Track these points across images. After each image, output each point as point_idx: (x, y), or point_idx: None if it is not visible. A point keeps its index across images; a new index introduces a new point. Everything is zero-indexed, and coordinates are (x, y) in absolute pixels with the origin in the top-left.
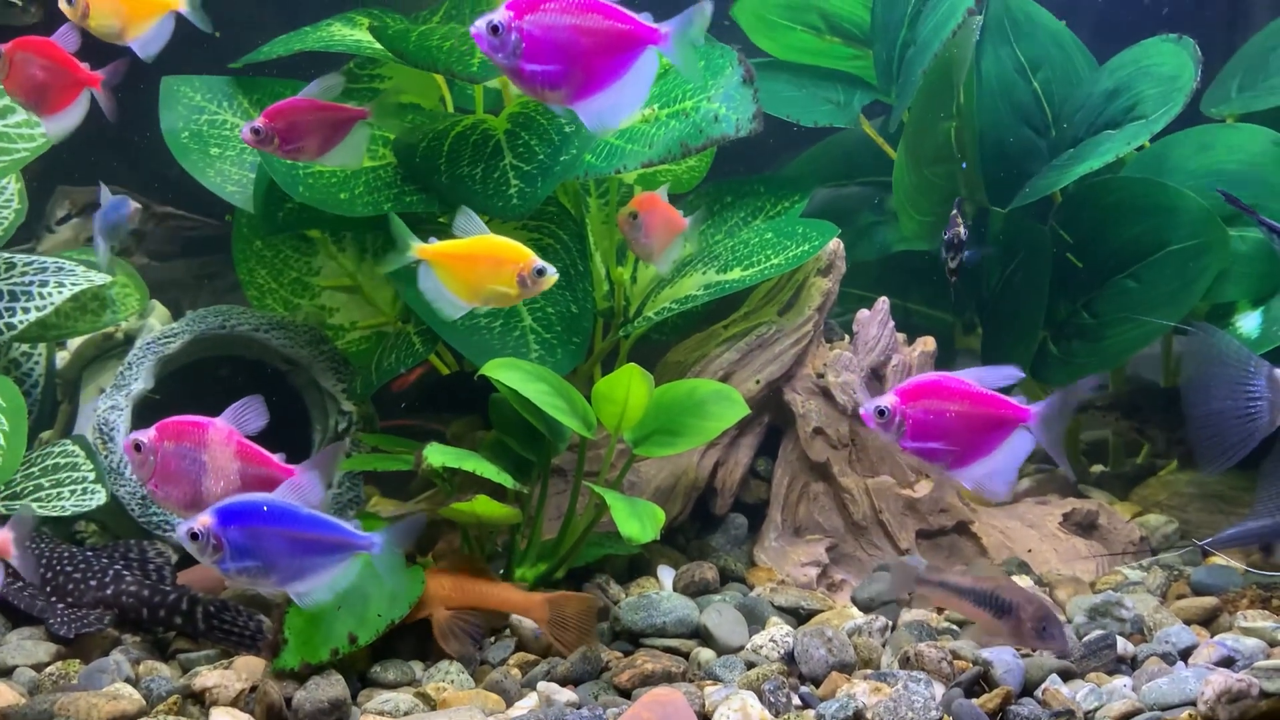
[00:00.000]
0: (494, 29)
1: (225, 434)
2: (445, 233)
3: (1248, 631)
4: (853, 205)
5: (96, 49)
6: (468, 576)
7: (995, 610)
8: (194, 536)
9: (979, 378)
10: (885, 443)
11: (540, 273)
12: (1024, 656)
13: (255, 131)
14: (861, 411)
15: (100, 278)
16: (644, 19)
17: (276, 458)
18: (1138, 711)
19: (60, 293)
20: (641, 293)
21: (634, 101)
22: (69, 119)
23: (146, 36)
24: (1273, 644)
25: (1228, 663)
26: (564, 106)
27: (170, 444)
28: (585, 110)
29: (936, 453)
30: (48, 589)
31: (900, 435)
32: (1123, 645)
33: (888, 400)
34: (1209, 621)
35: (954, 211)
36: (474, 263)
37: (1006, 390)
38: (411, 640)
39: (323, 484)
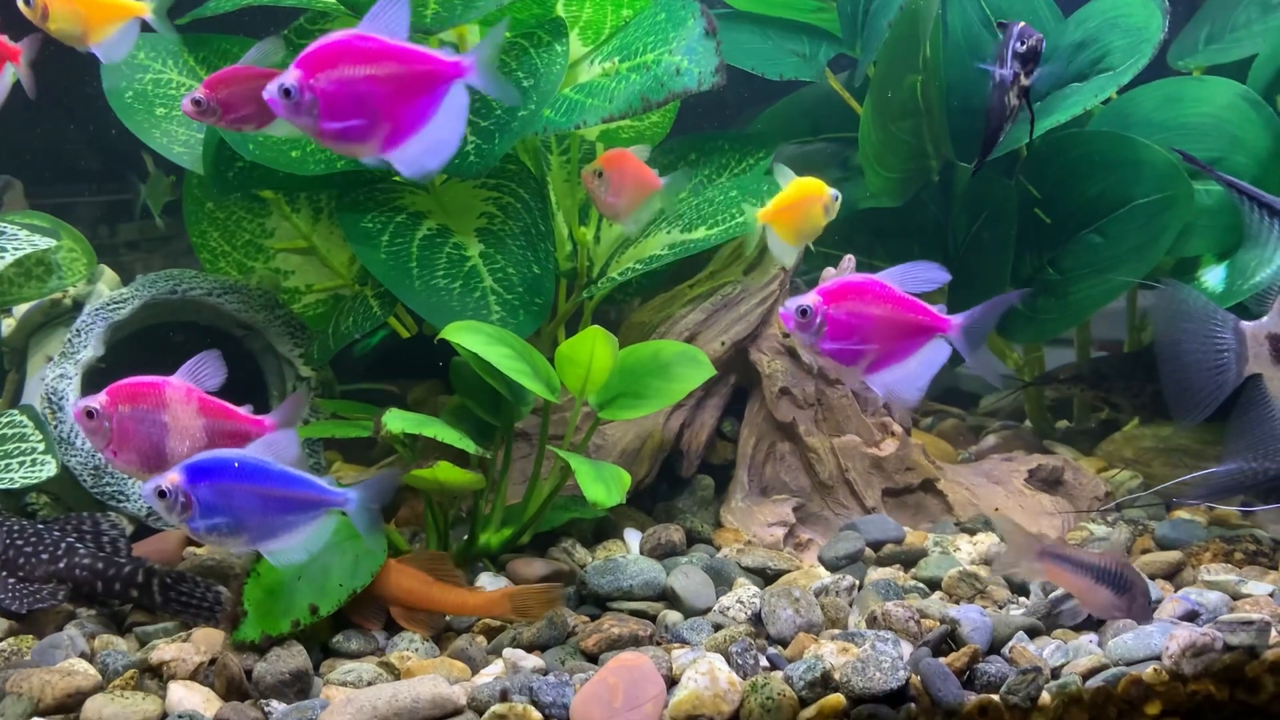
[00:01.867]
0: (286, 92)
1: (184, 392)
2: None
3: (1211, 585)
4: (818, 162)
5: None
6: (428, 579)
7: (1116, 587)
8: (162, 495)
9: (902, 277)
10: (803, 344)
11: (835, 198)
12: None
13: (196, 103)
14: (781, 311)
15: (45, 241)
16: (444, 54)
17: (243, 410)
18: (1103, 667)
19: (2, 258)
20: (605, 253)
21: (451, 140)
22: None
23: (110, 41)
24: (1236, 597)
25: (1191, 616)
26: (378, 158)
27: (126, 407)
28: (400, 159)
29: (854, 355)
30: None
31: (820, 336)
32: None
33: (810, 299)
34: (1173, 575)
35: (1012, 29)
36: (796, 207)
37: (928, 297)
38: (374, 609)
39: (294, 434)
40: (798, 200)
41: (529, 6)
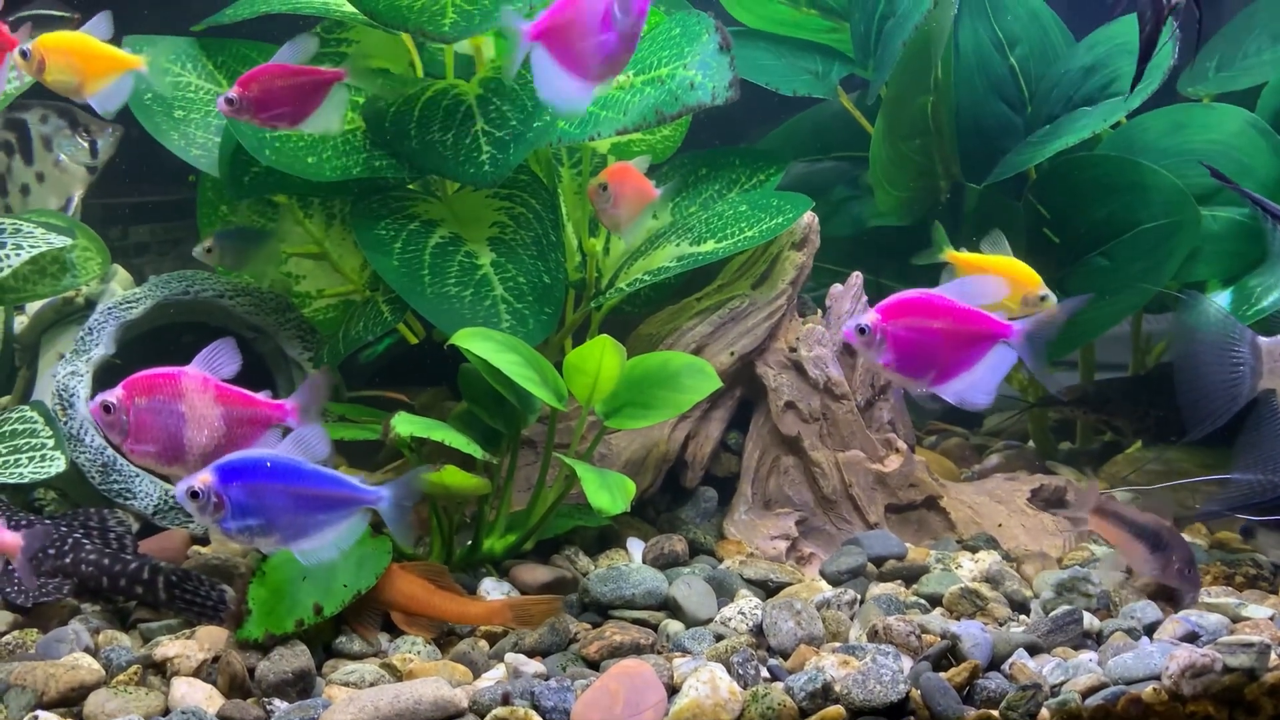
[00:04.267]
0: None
1: (201, 381)
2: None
3: (1212, 608)
4: (828, 180)
5: None
6: (430, 586)
7: (1152, 545)
8: (194, 495)
9: (961, 291)
10: (867, 359)
11: (1043, 298)
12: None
13: (230, 101)
14: (844, 330)
15: (60, 240)
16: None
17: (261, 395)
18: (1103, 685)
19: (18, 255)
20: (614, 264)
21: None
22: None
23: (105, 93)
24: (1236, 620)
25: (1192, 638)
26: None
27: (143, 400)
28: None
29: (916, 368)
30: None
31: (881, 353)
32: (1089, 620)
33: (868, 318)
34: (1174, 596)
35: None
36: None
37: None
38: (372, 615)
39: (316, 412)
40: (1000, 274)
41: None
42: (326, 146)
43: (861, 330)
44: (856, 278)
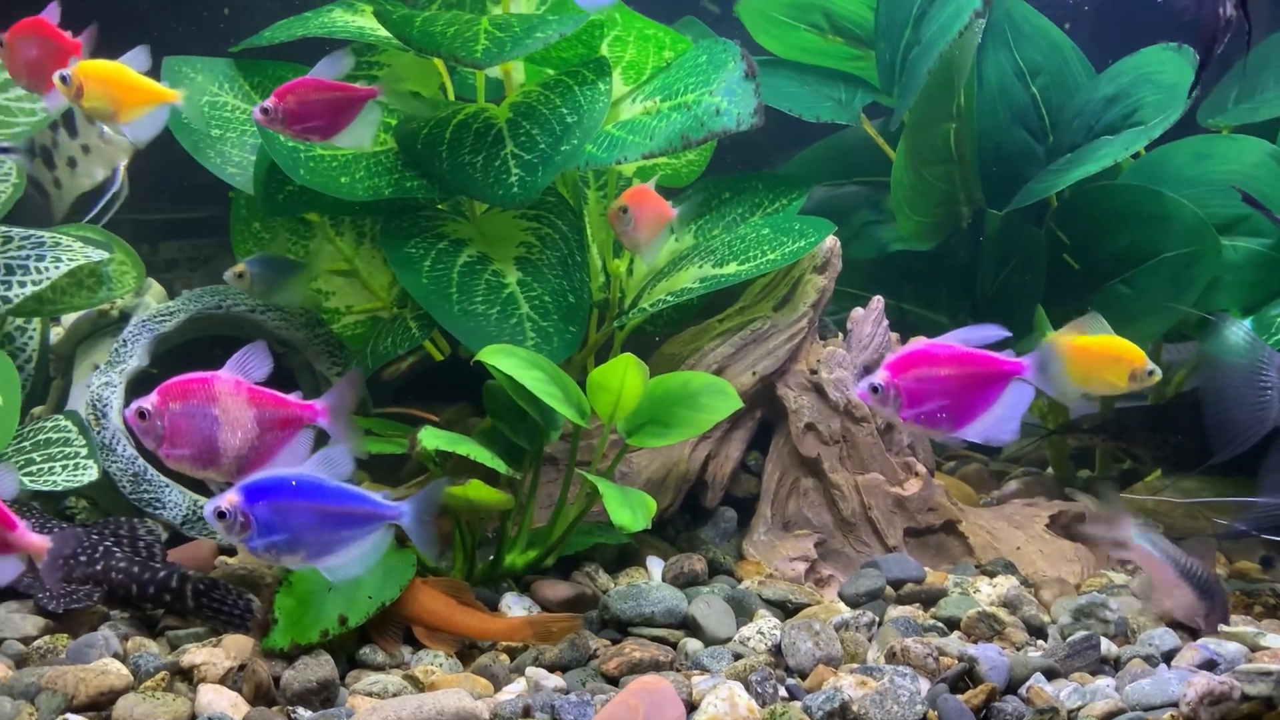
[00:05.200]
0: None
1: (233, 384)
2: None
3: (1230, 636)
4: (850, 204)
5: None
6: (452, 601)
7: (1200, 591)
8: (221, 515)
9: (963, 339)
10: (887, 416)
11: (1150, 373)
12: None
13: (265, 111)
14: (857, 391)
15: (98, 254)
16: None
17: (292, 396)
18: (1120, 711)
19: (57, 268)
20: (637, 285)
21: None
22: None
23: (139, 122)
24: (1254, 648)
25: (1210, 666)
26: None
27: (177, 405)
28: None
29: (936, 417)
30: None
31: (898, 407)
32: (1106, 646)
33: (879, 376)
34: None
35: None
36: (1096, 357)
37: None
38: (394, 628)
39: (348, 413)
40: (1106, 352)
41: (574, 46)
42: (359, 167)
43: (874, 389)
44: (878, 301)
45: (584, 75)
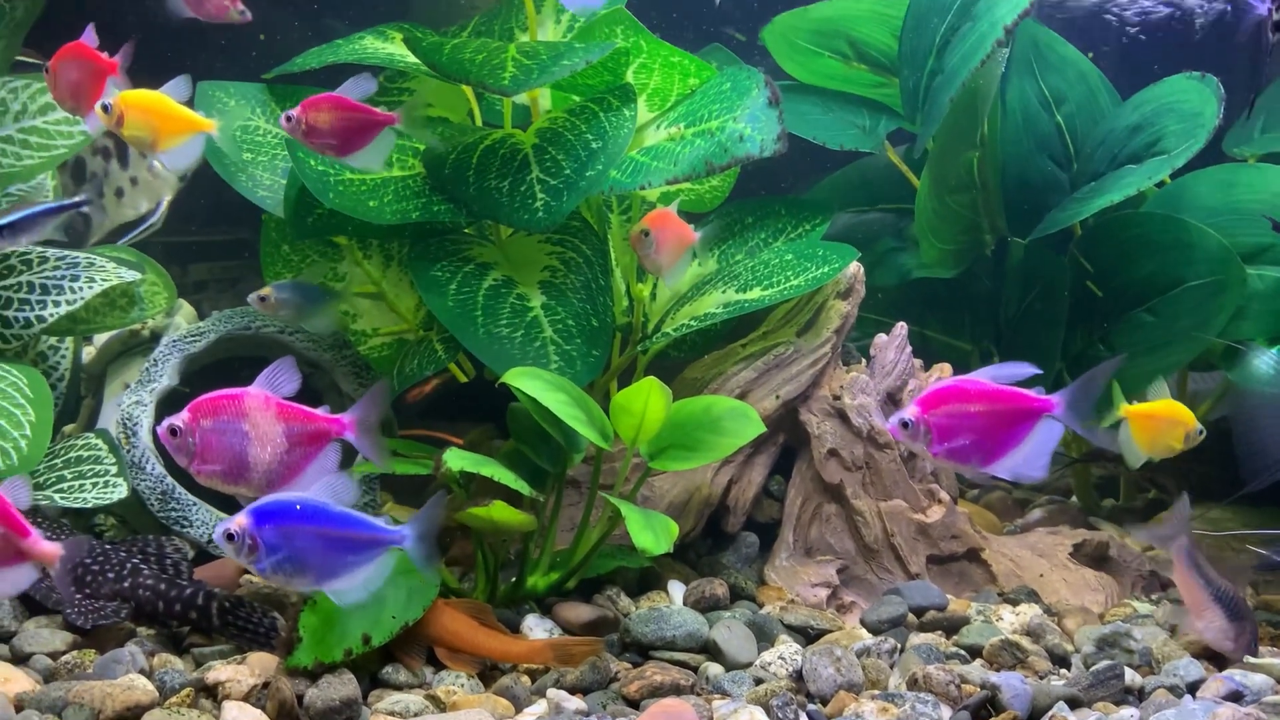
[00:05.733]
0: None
1: (262, 400)
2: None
3: (1256, 667)
4: (873, 231)
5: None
6: (474, 623)
7: (1230, 614)
8: (230, 537)
9: (994, 376)
10: (917, 451)
11: (1200, 433)
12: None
13: (290, 119)
14: (887, 426)
15: (130, 274)
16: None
17: (320, 410)
18: None
19: (91, 288)
20: (660, 309)
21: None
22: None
23: (176, 151)
24: None
25: (1235, 697)
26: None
27: (208, 421)
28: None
29: (966, 453)
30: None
31: (928, 443)
32: (1131, 676)
33: (909, 412)
34: (1218, 656)
35: None
36: (1160, 423)
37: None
38: (418, 647)
39: (375, 426)
40: (1163, 416)
41: (600, 73)
42: (388, 191)
43: (905, 424)
44: (901, 328)
45: (609, 102)
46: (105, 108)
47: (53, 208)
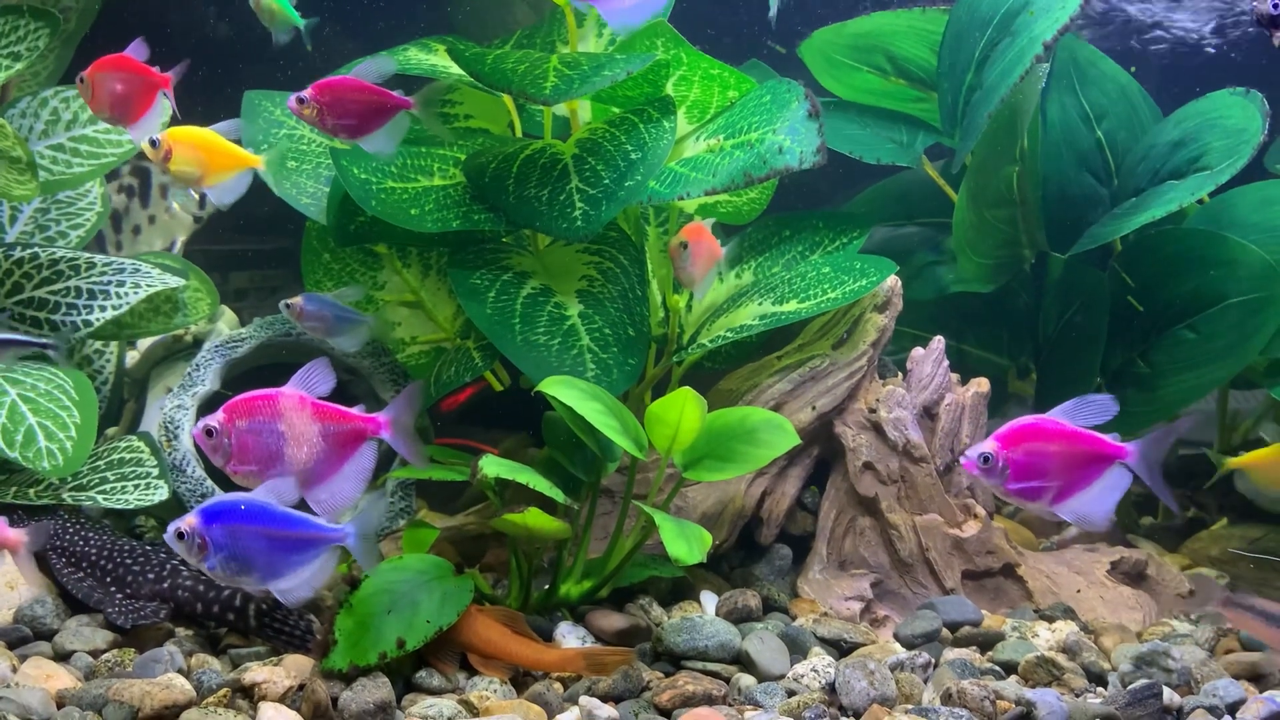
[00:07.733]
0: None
1: (297, 400)
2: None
3: None
4: (911, 245)
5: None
6: (507, 631)
7: None
8: (180, 536)
9: (1074, 409)
10: (989, 486)
11: None
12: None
13: (300, 100)
14: (963, 460)
15: (175, 281)
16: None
17: (355, 410)
18: None
19: (136, 293)
20: (696, 321)
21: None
22: (151, 124)
23: (223, 185)
24: None
25: (1276, 718)
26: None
27: (243, 422)
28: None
29: (1037, 492)
30: (106, 579)
31: (1004, 479)
32: (1169, 696)
33: (989, 446)
34: (1258, 678)
35: None
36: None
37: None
38: (450, 653)
39: (410, 425)
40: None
41: (640, 85)
42: (429, 199)
43: (985, 459)
44: (938, 342)
45: (649, 113)
46: (153, 142)
47: (17, 340)
